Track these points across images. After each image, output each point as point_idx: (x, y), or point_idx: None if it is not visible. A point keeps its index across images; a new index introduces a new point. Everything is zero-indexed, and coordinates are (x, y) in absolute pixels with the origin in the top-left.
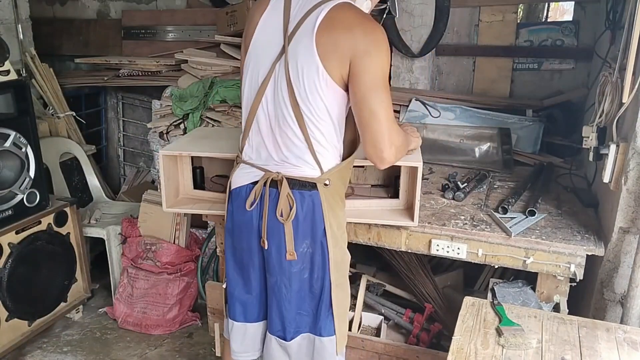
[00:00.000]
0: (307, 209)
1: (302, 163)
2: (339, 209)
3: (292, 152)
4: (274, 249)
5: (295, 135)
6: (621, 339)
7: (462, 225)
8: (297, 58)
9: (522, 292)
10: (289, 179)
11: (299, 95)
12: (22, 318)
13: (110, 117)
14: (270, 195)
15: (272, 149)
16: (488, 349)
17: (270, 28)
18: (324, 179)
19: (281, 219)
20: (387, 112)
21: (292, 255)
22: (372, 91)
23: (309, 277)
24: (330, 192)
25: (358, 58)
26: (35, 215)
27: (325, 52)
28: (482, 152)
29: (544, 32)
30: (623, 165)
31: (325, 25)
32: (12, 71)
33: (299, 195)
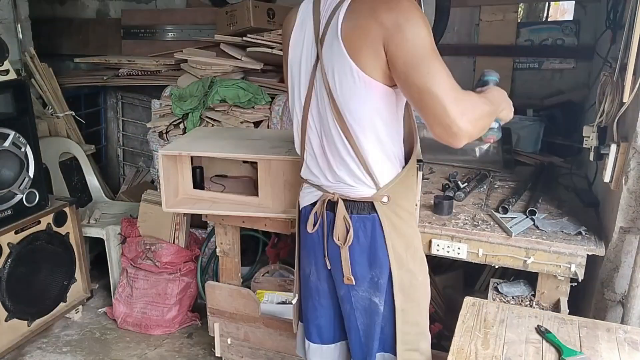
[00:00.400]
0: (366, 235)
1: (356, 182)
2: (406, 226)
3: (345, 171)
4: (337, 272)
5: (346, 151)
6: (622, 339)
7: (463, 225)
8: (331, 63)
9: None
10: (345, 201)
11: (340, 105)
12: (21, 318)
13: (109, 116)
14: (327, 217)
15: (325, 168)
16: (488, 349)
17: (303, 39)
18: (381, 195)
19: (338, 243)
20: (441, 83)
21: (350, 280)
22: (416, 67)
23: (378, 302)
24: (391, 208)
25: (389, 37)
26: (35, 215)
27: (354, 47)
28: (483, 151)
29: (544, 32)
30: (624, 165)
31: (348, 18)
32: (11, 71)
33: (357, 221)
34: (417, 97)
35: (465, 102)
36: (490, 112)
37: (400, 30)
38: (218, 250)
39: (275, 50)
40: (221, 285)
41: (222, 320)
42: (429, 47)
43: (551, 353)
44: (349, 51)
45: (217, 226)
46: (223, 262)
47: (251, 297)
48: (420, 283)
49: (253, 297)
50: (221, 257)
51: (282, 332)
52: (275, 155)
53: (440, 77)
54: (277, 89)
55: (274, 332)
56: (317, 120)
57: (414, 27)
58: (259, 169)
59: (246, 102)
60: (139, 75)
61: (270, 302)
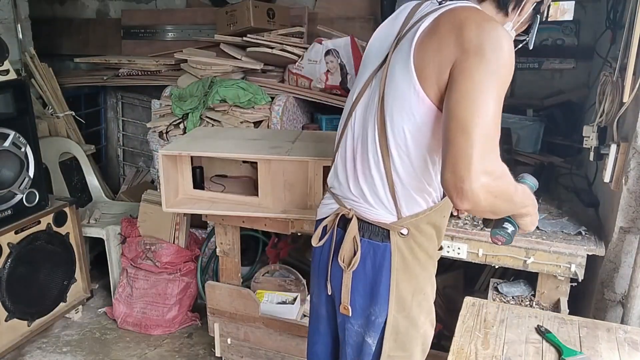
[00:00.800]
0: (374, 264)
1: (377, 203)
2: (420, 268)
3: (369, 186)
4: (337, 299)
5: (376, 165)
6: (622, 339)
7: (463, 225)
8: (394, 69)
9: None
10: (360, 221)
11: (386, 113)
12: (21, 318)
13: (109, 116)
14: (337, 235)
15: (351, 177)
16: (488, 349)
17: (382, 37)
18: (400, 226)
19: (342, 265)
20: (484, 130)
21: (347, 310)
22: (472, 99)
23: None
24: (407, 244)
25: (463, 58)
26: (35, 215)
27: (423, 58)
28: None
29: (544, 32)
30: (624, 165)
31: (431, 27)
32: (11, 71)
33: (367, 246)
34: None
35: (493, 166)
36: (512, 198)
37: (480, 57)
38: (218, 250)
39: (276, 50)
40: (221, 285)
41: (222, 320)
42: (498, 89)
43: (551, 353)
44: (415, 61)
45: (217, 226)
46: (223, 262)
47: (251, 297)
48: (419, 335)
49: (253, 297)
50: (221, 257)
51: (282, 332)
52: (275, 155)
53: (490, 125)
54: (277, 89)
55: (274, 332)
56: (360, 122)
57: (498, 60)
58: (259, 169)
59: (246, 102)
60: (139, 75)
61: (270, 302)
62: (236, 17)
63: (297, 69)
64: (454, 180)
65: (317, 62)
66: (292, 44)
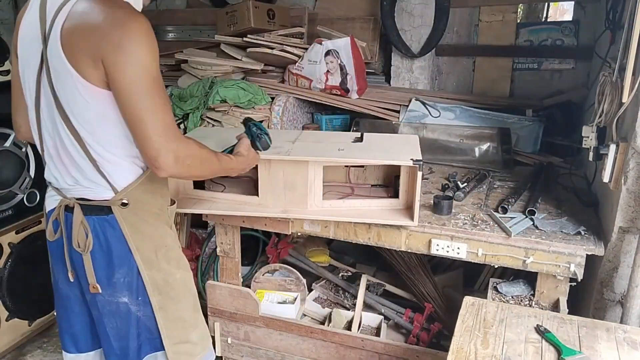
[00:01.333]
0: (105, 236)
1: (92, 184)
2: (152, 228)
3: (80, 173)
4: (83, 279)
5: (77, 153)
6: (621, 338)
7: (462, 225)
8: (54, 65)
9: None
10: (82, 205)
11: (66, 107)
12: (22, 318)
13: None
14: (66, 222)
15: (63, 171)
16: (488, 349)
17: (30, 35)
18: (119, 199)
19: (79, 250)
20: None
21: (96, 288)
22: (135, 95)
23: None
24: (132, 212)
25: (109, 56)
26: (36, 215)
27: (73, 51)
28: (482, 152)
29: (543, 32)
30: (623, 165)
31: (71, 18)
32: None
33: (93, 222)
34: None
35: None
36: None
37: (123, 52)
38: (218, 250)
39: (276, 50)
40: (221, 285)
41: (223, 320)
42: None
43: (550, 352)
44: (67, 55)
45: (217, 226)
46: (223, 262)
47: (251, 297)
48: (178, 280)
49: (253, 296)
50: (221, 257)
51: (282, 332)
52: (275, 155)
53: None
54: (278, 89)
55: (274, 332)
56: (49, 122)
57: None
58: (259, 169)
59: (246, 102)
60: None
61: (270, 302)
62: (236, 17)
63: (297, 70)
64: (148, 159)
65: (317, 62)
66: (292, 45)
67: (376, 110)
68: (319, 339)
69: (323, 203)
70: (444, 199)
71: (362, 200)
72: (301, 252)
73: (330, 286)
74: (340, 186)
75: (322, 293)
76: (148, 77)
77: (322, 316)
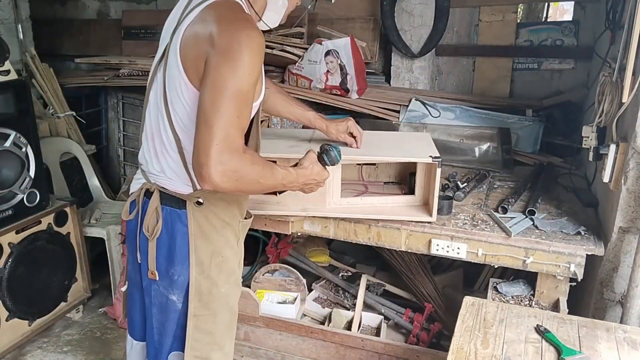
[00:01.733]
0: (173, 229)
1: (175, 176)
2: (217, 235)
3: (167, 163)
4: (144, 264)
5: (170, 146)
6: (621, 338)
7: (462, 225)
8: (170, 60)
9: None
10: (162, 193)
11: (169, 103)
12: (22, 318)
13: (110, 117)
14: (143, 207)
15: (153, 155)
16: (488, 349)
17: (167, 25)
18: (196, 196)
19: (147, 234)
20: (224, 125)
21: (154, 275)
22: (215, 94)
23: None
24: (203, 213)
25: (213, 57)
26: (35, 215)
27: (186, 52)
28: (482, 152)
29: (543, 32)
30: (623, 165)
31: (195, 20)
32: (12, 71)
33: (166, 212)
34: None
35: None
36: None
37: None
38: None
39: (276, 50)
40: None
41: None
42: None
43: (550, 352)
44: (181, 52)
45: None
46: None
47: (251, 297)
48: (222, 294)
49: (253, 297)
50: None
51: (282, 332)
52: (295, 154)
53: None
54: None
55: (274, 332)
56: (152, 107)
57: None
58: None
59: None
60: (139, 76)
61: (270, 302)
62: None
63: (297, 70)
64: (195, 163)
65: (317, 62)
66: (292, 45)
67: (376, 110)
68: (319, 339)
69: (341, 201)
70: (444, 199)
71: (379, 197)
72: (301, 252)
73: (330, 286)
74: (353, 184)
75: (322, 293)
76: (237, 87)
77: (322, 316)
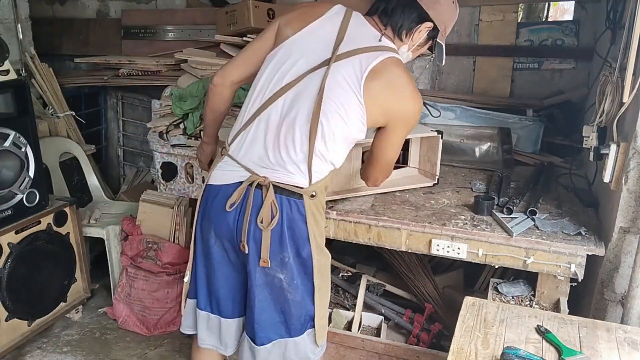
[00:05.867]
0: (290, 218)
1: (296, 170)
2: (322, 218)
3: (290, 157)
4: (251, 254)
5: (301, 142)
6: (621, 339)
7: (463, 225)
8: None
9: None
10: (275, 186)
11: (323, 111)
12: (21, 318)
13: (110, 116)
14: (254, 198)
15: (271, 148)
16: (488, 349)
17: (320, 36)
18: (312, 190)
19: (261, 226)
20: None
21: (266, 262)
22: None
23: (288, 285)
24: (315, 203)
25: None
26: (35, 215)
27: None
28: (482, 151)
29: (544, 32)
30: (623, 165)
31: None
32: (11, 71)
33: (284, 202)
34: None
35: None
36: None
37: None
38: None
39: None
40: None
41: None
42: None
43: (551, 353)
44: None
45: None
46: None
47: None
48: (328, 265)
49: None
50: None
51: None
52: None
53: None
54: None
55: None
56: (289, 104)
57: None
58: None
59: None
60: (139, 76)
61: None
62: (236, 17)
63: None
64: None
65: None
66: None
67: None
68: None
69: (362, 182)
70: (485, 199)
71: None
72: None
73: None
74: None
75: None
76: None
77: None
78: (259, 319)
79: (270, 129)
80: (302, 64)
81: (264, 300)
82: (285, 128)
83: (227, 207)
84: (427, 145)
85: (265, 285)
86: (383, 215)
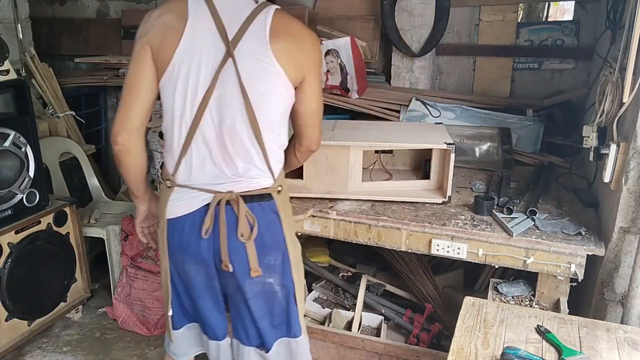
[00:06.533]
0: (267, 221)
1: (258, 173)
2: (290, 209)
3: (246, 162)
4: (238, 270)
5: (251, 141)
6: (621, 338)
7: (463, 225)
8: (250, 63)
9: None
10: (243, 196)
11: (255, 101)
12: (21, 318)
13: (110, 116)
14: (227, 215)
15: (223, 163)
16: (488, 349)
17: (202, 33)
18: (278, 185)
19: (243, 239)
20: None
21: (257, 271)
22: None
23: (278, 285)
24: (283, 197)
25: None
26: (35, 215)
27: (282, 57)
28: (483, 151)
29: (544, 32)
30: (623, 165)
31: (276, 31)
32: (11, 71)
33: (256, 208)
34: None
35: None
36: None
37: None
38: None
39: None
40: None
41: None
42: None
43: (551, 353)
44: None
45: None
46: None
47: None
48: (300, 256)
49: None
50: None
51: None
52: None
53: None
54: None
55: None
56: (216, 113)
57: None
58: None
59: None
60: None
61: None
62: None
63: None
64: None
65: None
66: None
67: (376, 110)
68: (319, 339)
69: (362, 184)
70: (484, 199)
71: (397, 182)
72: (301, 252)
73: (330, 286)
74: (379, 172)
75: (322, 293)
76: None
77: (322, 316)
78: (261, 327)
79: (213, 147)
80: (205, 68)
81: (260, 310)
82: (228, 139)
83: (203, 233)
84: (439, 157)
85: (257, 294)
86: (383, 215)
